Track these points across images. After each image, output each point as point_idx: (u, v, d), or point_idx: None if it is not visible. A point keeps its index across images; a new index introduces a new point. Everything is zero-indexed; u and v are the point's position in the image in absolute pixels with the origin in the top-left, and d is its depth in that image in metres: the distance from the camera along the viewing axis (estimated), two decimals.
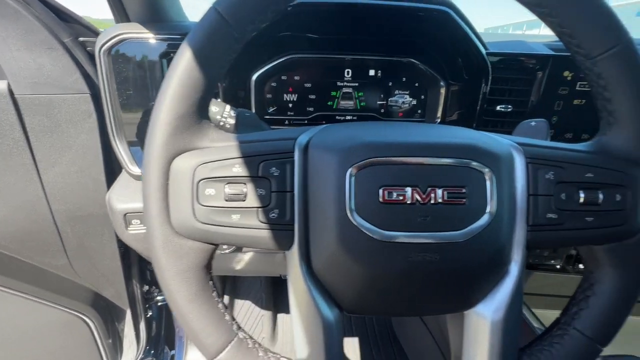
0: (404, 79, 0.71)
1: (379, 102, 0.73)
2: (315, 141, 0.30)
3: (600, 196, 0.31)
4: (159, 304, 1.21)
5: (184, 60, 0.26)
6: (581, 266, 0.66)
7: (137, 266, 1.02)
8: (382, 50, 0.68)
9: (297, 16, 0.60)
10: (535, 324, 0.67)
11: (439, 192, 0.28)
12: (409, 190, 0.28)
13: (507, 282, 0.32)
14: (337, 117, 0.73)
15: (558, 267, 0.67)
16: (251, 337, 0.31)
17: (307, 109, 0.72)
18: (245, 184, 0.28)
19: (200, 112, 0.28)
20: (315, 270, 0.30)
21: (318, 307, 0.30)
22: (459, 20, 0.55)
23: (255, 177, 0.28)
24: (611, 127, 0.32)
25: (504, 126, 0.65)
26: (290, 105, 0.71)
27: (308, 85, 0.70)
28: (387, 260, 0.28)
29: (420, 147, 0.29)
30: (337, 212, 0.28)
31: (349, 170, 0.28)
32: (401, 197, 0.28)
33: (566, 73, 0.59)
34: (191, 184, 0.27)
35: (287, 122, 0.72)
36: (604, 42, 0.29)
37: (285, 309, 1.25)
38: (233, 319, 0.30)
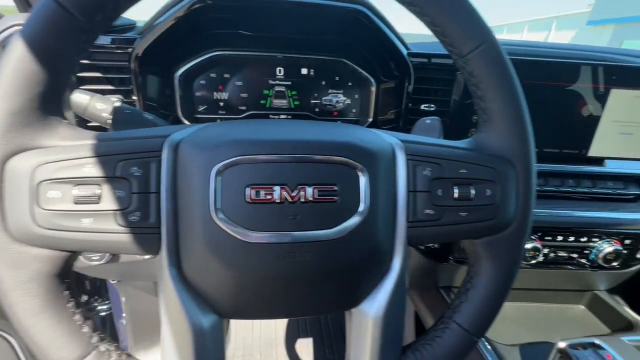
0: (337, 78, 0.71)
1: (312, 101, 0.72)
2: (188, 139, 0.29)
3: (472, 191, 0.31)
4: (103, 313, 1.15)
5: (15, 54, 0.24)
6: None
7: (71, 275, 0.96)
8: (313, 48, 0.67)
9: (220, 12, 0.58)
10: None
11: (309, 190, 0.28)
12: (277, 189, 0.27)
13: (389, 278, 0.32)
14: (270, 116, 0.72)
15: None
16: (117, 349, 0.29)
17: (240, 107, 0.70)
18: (99, 185, 0.26)
19: (45, 108, 0.26)
20: (187, 275, 0.29)
21: (189, 314, 0.28)
22: (376, 20, 0.56)
23: (111, 178, 0.26)
24: (486, 125, 0.33)
25: None
26: (222, 104, 0.70)
27: (239, 83, 0.69)
28: (256, 262, 0.27)
29: (289, 145, 0.28)
30: (202, 213, 0.27)
31: (214, 169, 0.27)
32: (269, 197, 0.27)
33: None
34: (29, 185, 0.25)
35: (218, 121, 0.70)
36: (472, 40, 0.30)
37: None
38: (96, 330, 0.28)
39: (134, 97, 0.56)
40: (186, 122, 0.66)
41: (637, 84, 0.63)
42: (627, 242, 0.67)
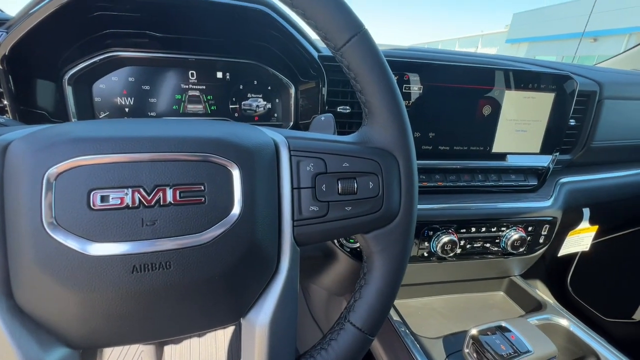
0: (255, 82, 0.69)
1: (231, 106, 0.69)
2: (21, 139, 0.25)
3: (356, 185, 0.31)
4: None
5: None
6: (425, 254, 0.71)
7: None
8: (226, 51, 0.65)
9: (112, 9, 0.53)
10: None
11: (169, 192, 0.25)
12: (129, 192, 0.24)
13: (276, 283, 0.30)
14: None
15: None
16: None
17: (149, 113, 0.65)
18: None
19: None
20: (21, 303, 0.24)
21: (23, 353, 0.23)
22: (281, 21, 0.55)
23: None
24: (368, 118, 0.33)
25: (352, 127, 0.68)
26: (127, 110, 0.64)
27: (146, 87, 0.64)
28: (104, 278, 0.24)
29: (144, 142, 0.25)
30: (31, 226, 0.23)
31: (47, 173, 0.23)
32: (118, 201, 0.24)
33: None
34: None
35: None
36: (344, 32, 0.30)
37: (172, 341, 1.12)
38: None
39: (5, 102, 0.48)
40: None
41: (526, 86, 0.70)
42: (530, 228, 0.74)
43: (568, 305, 1.19)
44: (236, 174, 0.27)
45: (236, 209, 0.27)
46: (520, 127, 0.73)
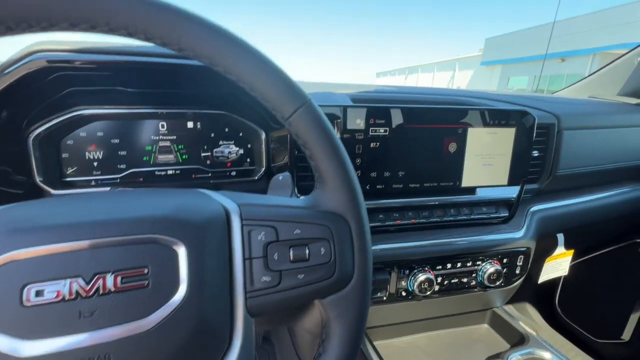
0: (226, 130, 0.71)
1: (203, 154, 0.70)
2: None
3: (307, 252, 0.31)
4: None
5: None
6: (403, 293, 0.71)
7: None
8: (195, 103, 0.66)
9: (86, 70, 0.54)
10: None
11: (110, 278, 0.24)
12: (66, 283, 0.24)
13: (230, 357, 0.29)
14: (156, 173, 0.68)
15: (384, 298, 0.70)
16: None
17: (118, 166, 0.65)
18: None
19: None
20: None
21: None
22: None
23: None
24: (319, 182, 0.34)
25: None
26: (96, 164, 0.63)
27: (115, 141, 0.64)
28: None
29: (83, 227, 0.25)
30: None
31: None
32: (54, 295, 0.23)
33: (358, 121, 0.66)
34: None
35: (93, 182, 0.64)
36: (289, 104, 0.31)
37: None
38: None
39: None
40: (47, 188, 0.58)
41: (487, 123, 0.73)
42: (505, 260, 0.75)
43: (559, 328, 1.17)
44: (182, 252, 0.27)
45: (182, 290, 0.26)
46: (486, 161, 0.75)
